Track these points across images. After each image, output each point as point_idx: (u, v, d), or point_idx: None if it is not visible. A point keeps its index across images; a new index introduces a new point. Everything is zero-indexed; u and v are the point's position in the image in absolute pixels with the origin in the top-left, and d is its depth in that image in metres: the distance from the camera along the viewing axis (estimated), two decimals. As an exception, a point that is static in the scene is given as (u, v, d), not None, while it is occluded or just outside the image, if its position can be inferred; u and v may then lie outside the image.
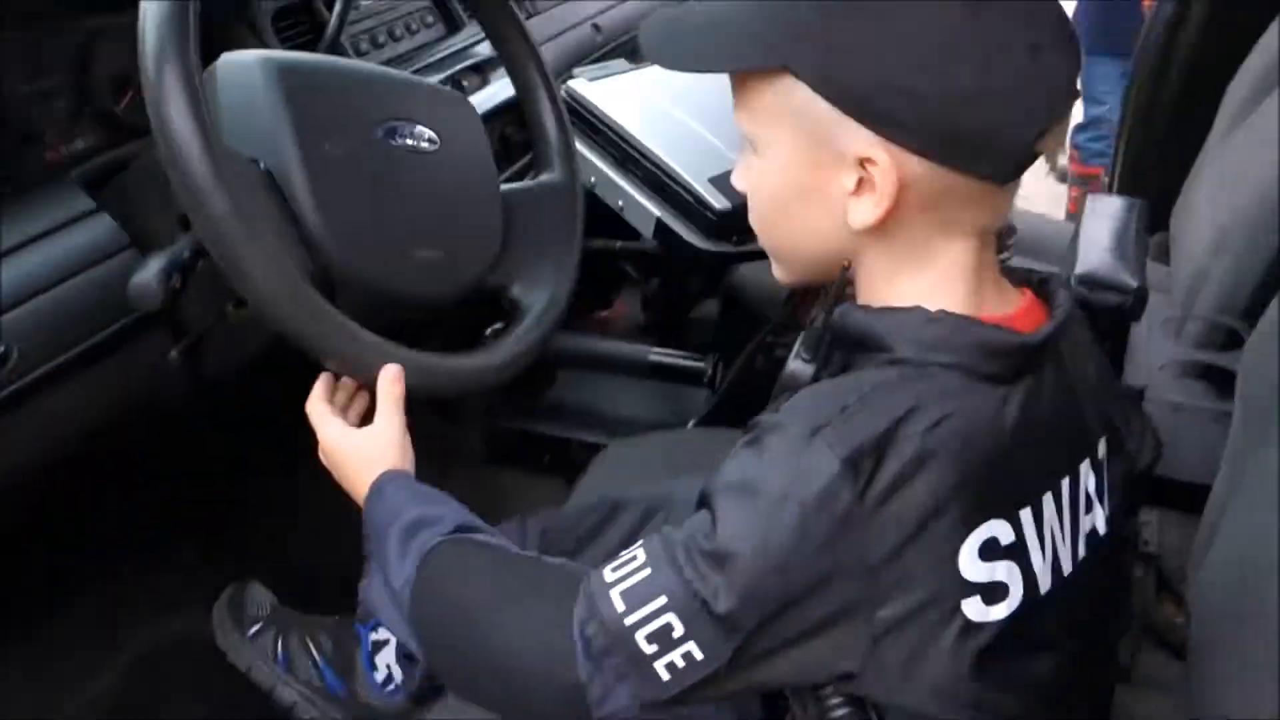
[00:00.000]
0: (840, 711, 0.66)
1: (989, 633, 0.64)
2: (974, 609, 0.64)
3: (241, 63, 0.87)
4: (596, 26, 1.78)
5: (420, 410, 0.87)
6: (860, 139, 0.64)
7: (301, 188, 0.83)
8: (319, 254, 0.84)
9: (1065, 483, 0.69)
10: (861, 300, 0.71)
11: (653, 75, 1.42)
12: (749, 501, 0.62)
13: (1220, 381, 1.28)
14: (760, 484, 0.62)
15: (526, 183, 1.05)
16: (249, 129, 0.84)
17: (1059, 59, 0.64)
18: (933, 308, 0.66)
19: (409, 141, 0.92)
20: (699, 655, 0.62)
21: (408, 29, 1.48)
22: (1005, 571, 0.65)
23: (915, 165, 0.64)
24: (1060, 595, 0.68)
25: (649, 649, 0.63)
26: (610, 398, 1.52)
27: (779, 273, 0.76)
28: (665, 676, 0.63)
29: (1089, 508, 0.71)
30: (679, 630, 0.62)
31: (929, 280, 0.68)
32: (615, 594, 0.64)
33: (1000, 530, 0.64)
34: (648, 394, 1.56)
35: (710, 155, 1.27)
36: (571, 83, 1.38)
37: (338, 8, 1.09)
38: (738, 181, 0.74)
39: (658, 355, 1.45)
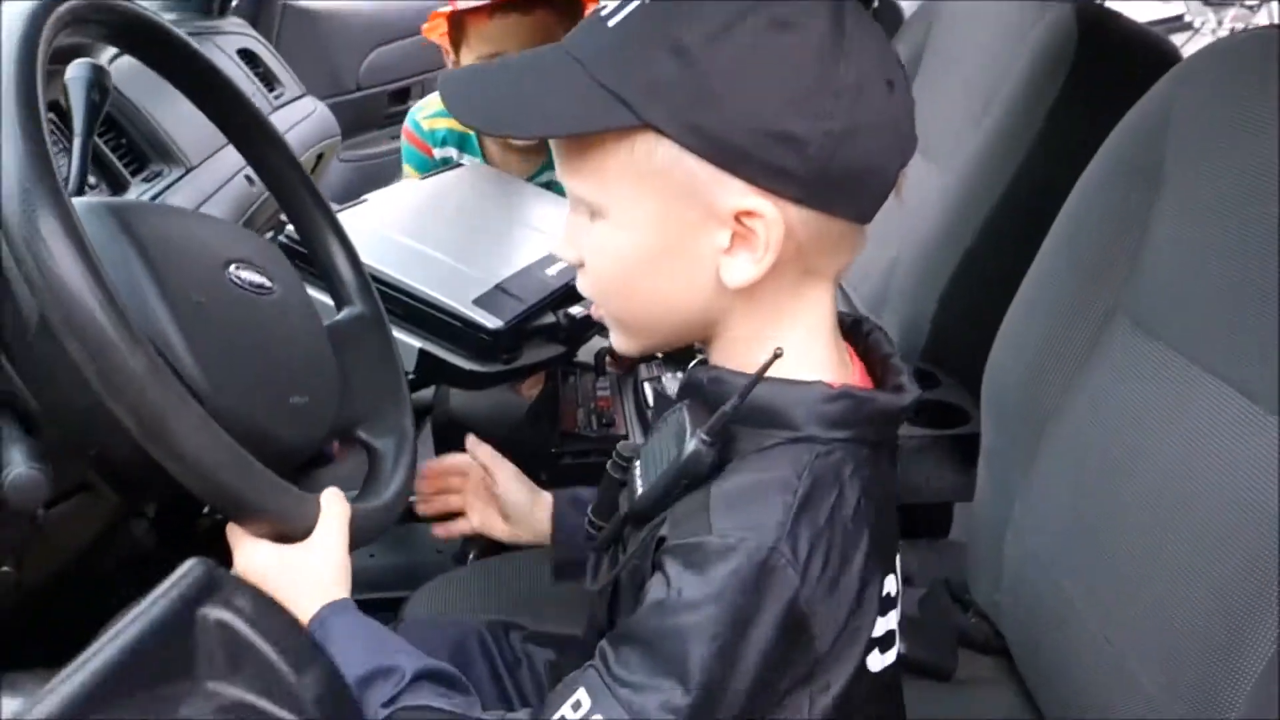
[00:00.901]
0: None
1: (879, 680, 0.69)
2: (873, 660, 0.68)
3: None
4: (250, 179, 1.70)
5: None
6: (734, 192, 0.62)
7: (178, 342, 0.74)
8: (207, 408, 0.74)
9: None
10: (719, 361, 0.70)
11: (364, 212, 1.39)
12: (718, 639, 0.60)
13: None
14: (726, 612, 0.60)
15: (338, 320, 1.00)
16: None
17: (906, 95, 0.65)
18: (806, 372, 0.65)
19: (253, 279, 0.85)
20: None
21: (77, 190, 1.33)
22: (894, 620, 0.70)
23: (793, 213, 0.62)
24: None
25: None
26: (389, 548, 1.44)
27: (624, 344, 0.73)
28: None
29: None
30: None
31: (797, 338, 0.67)
32: None
33: (889, 584, 0.69)
34: (398, 542, 1.50)
35: (463, 280, 1.28)
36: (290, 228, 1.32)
37: (77, 159, 0.96)
38: (566, 251, 0.71)
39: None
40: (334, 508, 0.78)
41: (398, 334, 1.25)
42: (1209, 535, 0.81)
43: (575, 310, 1.34)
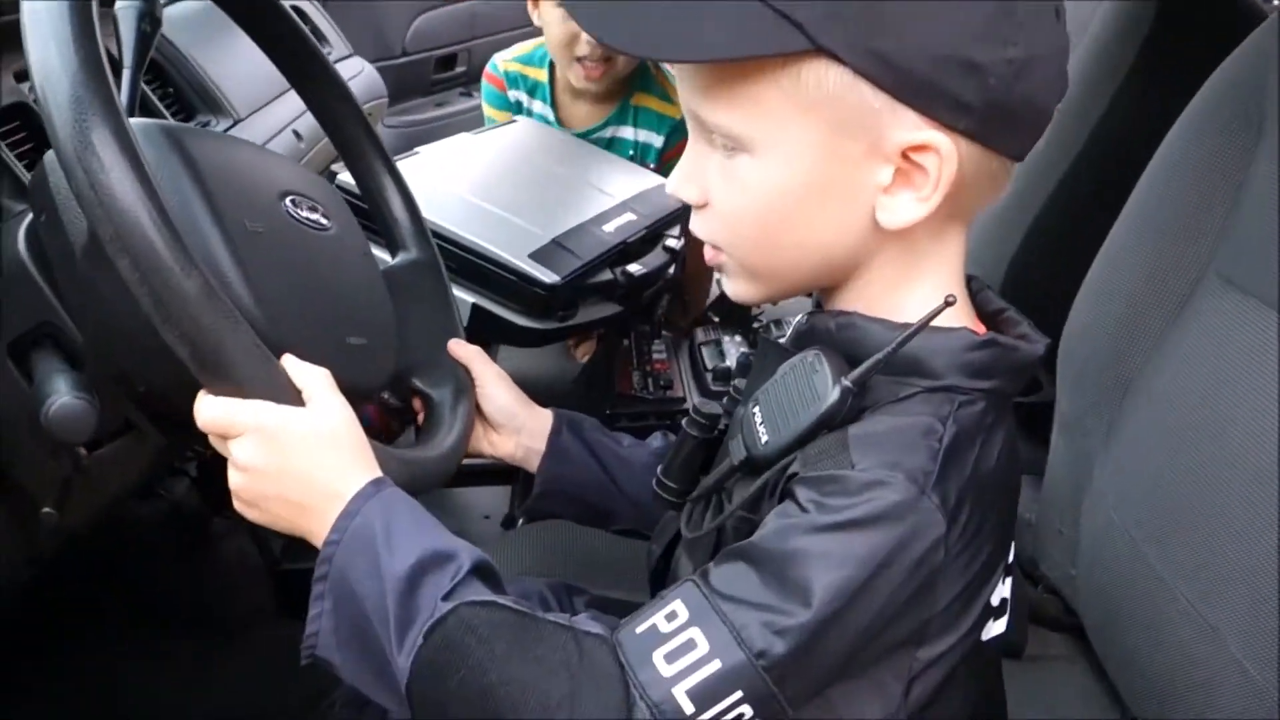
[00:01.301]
0: None
1: (984, 651, 0.66)
2: (986, 629, 0.65)
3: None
4: (298, 134, 1.67)
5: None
6: (906, 126, 0.57)
7: (232, 270, 0.70)
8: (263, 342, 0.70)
9: None
10: (847, 307, 0.65)
11: (417, 164, 1.35)
12: (847, 570, 0.56)
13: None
14: (860, 549, 0.56)
15: (393, 265, 0.96)
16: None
17: (1063, 26, 0.61)
18: (946, 319, 0.60)
19: (310, 217, 0.81)
20: None
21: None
22: (1007, 586, 0.67)
23: (963, 149, 0.58)
24: None
25: None
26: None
27: (745, 291, 0.67)
28: None
29: None
30: (748, 714, 0.57)
31: (937, 282, 0.64)
32: (681, 694, 0.56)
33: (1010, 547, 0.66)
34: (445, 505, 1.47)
35: (518, 233, 1.24)
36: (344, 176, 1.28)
37: (126, 90, 0.93)
38: (685, 189, 0.65)
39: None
40: (321, 373, 0.69)
41: (452, 289, 1.21)
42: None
43: (633, 268, 1.30)
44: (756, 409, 0.64)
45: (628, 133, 1.74)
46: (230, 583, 1.50)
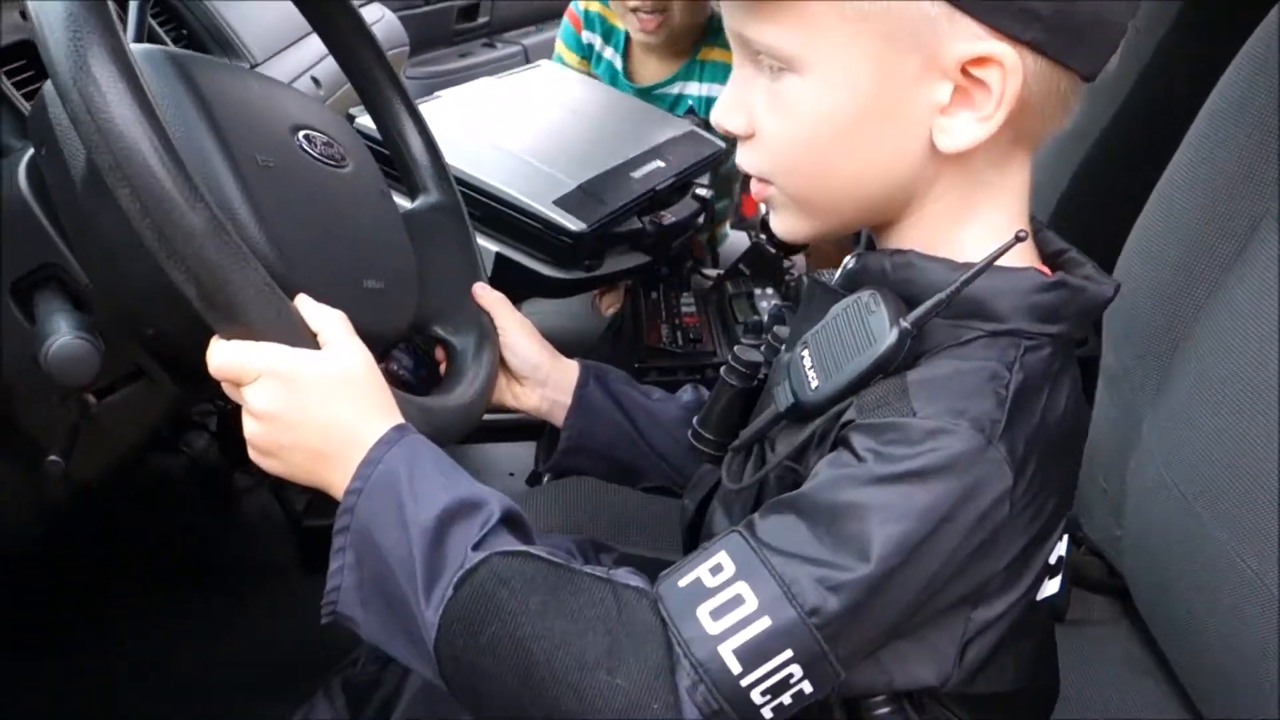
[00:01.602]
0: (883, 710, 0.61)
1: (1043, 611, 0.63)
2: (1041, 591, 0.62)
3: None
4: (316, 80, 1.63)
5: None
6: (966, 37, 0.53)
7: (241, 206, 0.66)
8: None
9: None
10: (901, 244, 0.61)
11: (439, 107, 1.31)
12: (908, 524, 0.53)
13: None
14: (923, 499, 0.53)
15: (414, 208, 0.92)
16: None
17: None
18: (1011, 258, 0.56)
19: (325, 154, 0.77)
20: (809, 690, 0.54)
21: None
22: (1063, 545, 0.64)
23: (1029, 63, 0.54)
24: None
25: (762, 700, 0.54)
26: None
27: (796, 227, 0.63)
28: (769, 716, 0.54)
29: None
30: (797, 674, 0.54)
31: (1000, 218, 0.59)
32: (728, 653, 0.53)
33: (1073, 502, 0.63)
34: (470, 463, 1.44)
35: (543, 179, 1.19)
36: (362, 119, 1.24)
37: (134, 10, 0.89)
38: (731, 118, 0.61)
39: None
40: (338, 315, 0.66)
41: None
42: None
43: (662, 216, 1.25)
44: (805, 352, 0.60)
45: (694, 88, 1.69)
46: (252, 539, 1.48)
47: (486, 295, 0.89)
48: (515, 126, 1.30)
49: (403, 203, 0.92)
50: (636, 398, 0.90)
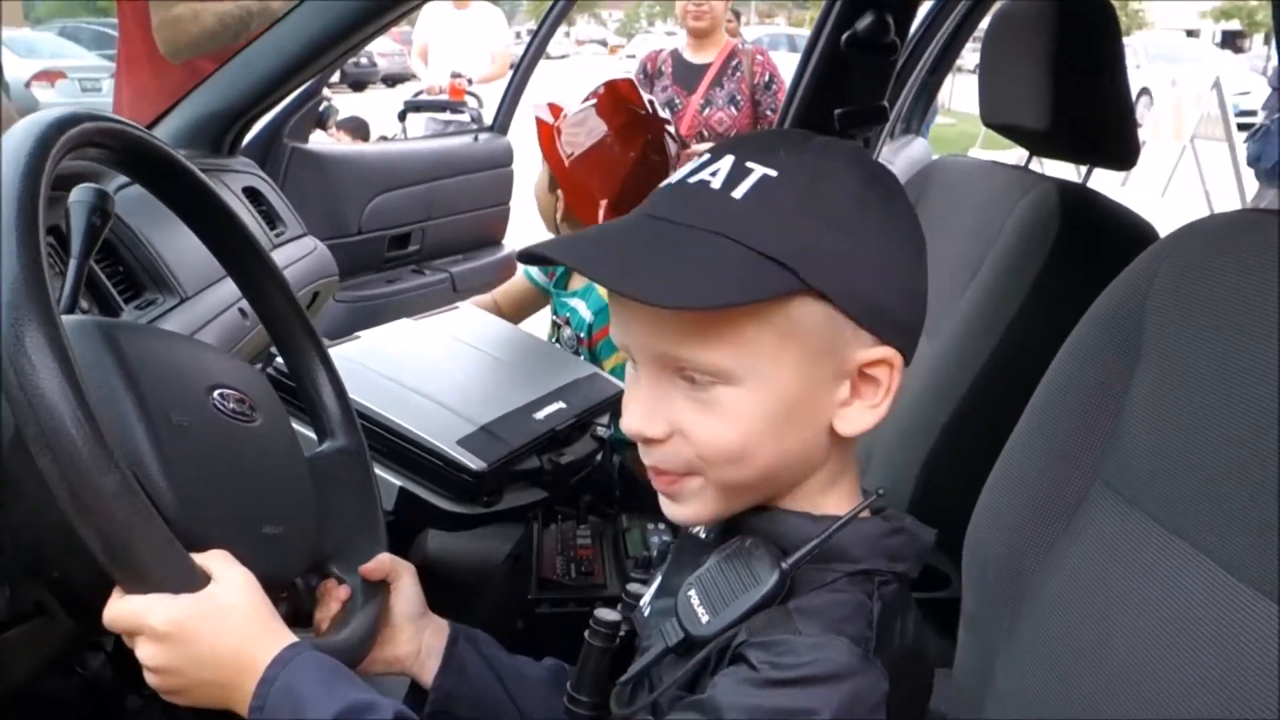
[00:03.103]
0: None
1: None
2: None
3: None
4: (244, 311, 1.72)
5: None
6: (866, 345, 0.68)
7: (153, 464, 0.73)
8: (177, 534, 0.73)
9: None
10: (791, 506, 0.72)
11: (356, 348, 1.40)
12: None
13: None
14: (815, 702, 0.62)
15: (318, 453, 0.99)
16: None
17: None
18: (848, 507, 0.70)
19: (236, 408, 0.84)
20: None
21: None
22: None
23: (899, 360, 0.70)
24: None
25: None
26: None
27: (708, 510, 0.72)
28: None
29: None
30: None
31: (848, 481, 0.74)
32: None
33: None
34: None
35: (448, 419, 1.28)
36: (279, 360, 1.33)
37: (71, 278, 0.97)
38: (650, 426, 0.68)
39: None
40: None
41: (379, 471, 1.24)
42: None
43: (561, 456, 1.34)
44: (692, 593, 0.69)
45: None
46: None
47: (378, 565, 0.92)
48: (427, 367, 1.39)
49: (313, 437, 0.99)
50: (505, 659, 0.93)
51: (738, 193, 0.65)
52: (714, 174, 0.66)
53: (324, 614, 0.89)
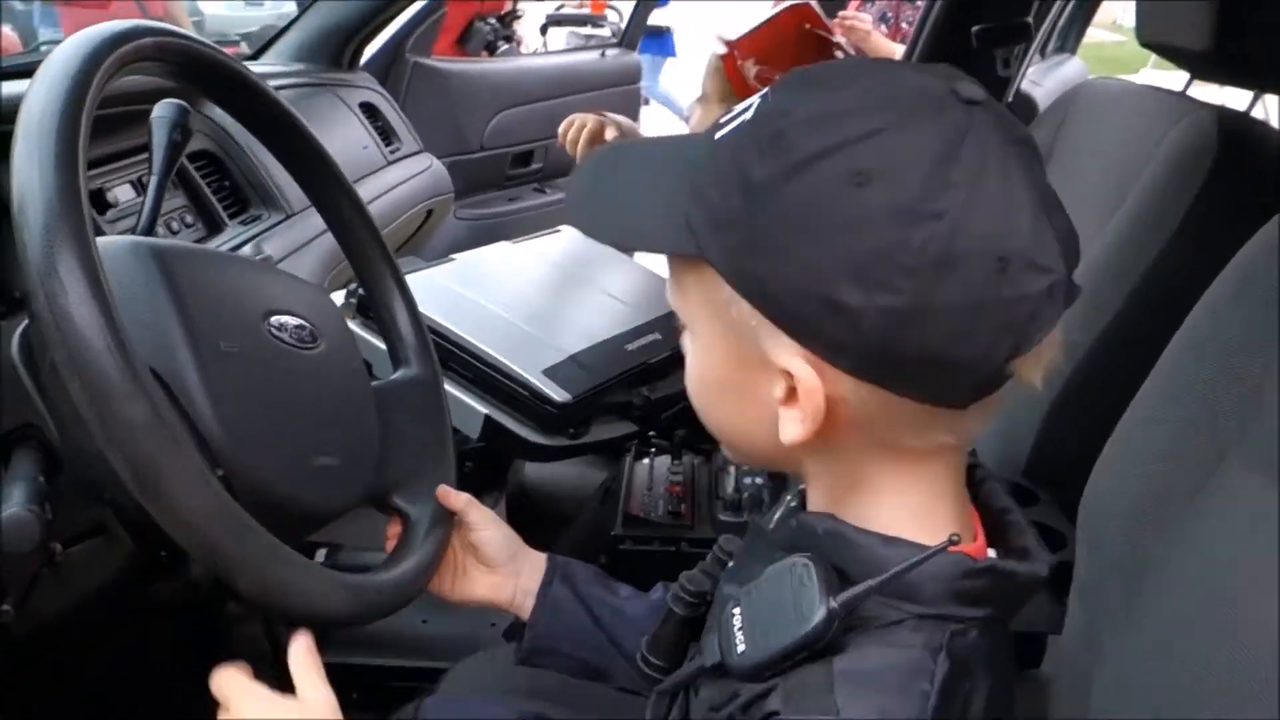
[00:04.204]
0: None
1: None
2: None
3: (105, 250, 0.74)
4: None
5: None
6: (784, 347, 0.56)
7: (198, 391, 0.71)
8: (220, 463, 0.71)
9: None
10: (817, 503, 0.63)
11: (449, 270, 1.38)
12: None
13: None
14: None
15: (390, 381, 0.96)
16: (129, 328, 0.71)
17: (1031, 274, 0.53)
18: (929, 537, 0.57)
19: (294, 337, 0.82)
20: None
21: (169, 229, 1.35)
22: None
23: (846, 385, 0.55)
24: None
25: None
26: (440, 614, 1.38)
27: (726, 452, 0.68)
28: None
29: None
30: None
31: (909, 503, 0.60)
32: None
33: None
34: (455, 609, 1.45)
35: (537, 347, 1.24)
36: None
37: (151, 194, 0.96)
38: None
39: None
40: (310, 659, 0.72)
41: (464, 398, 1.22)
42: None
43: (651, 390, 1.29)
44: (736, 611, 0.60)
45: None
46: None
47: (453, 498, 0.90)
48: (521, 293, 1.36)
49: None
50: (605, 598, 0.91)
51: (722, 132, 0.59)
52: (748, 106, 0.59)
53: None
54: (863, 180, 0.52)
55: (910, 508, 0.60)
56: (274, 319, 0.81)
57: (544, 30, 4.14)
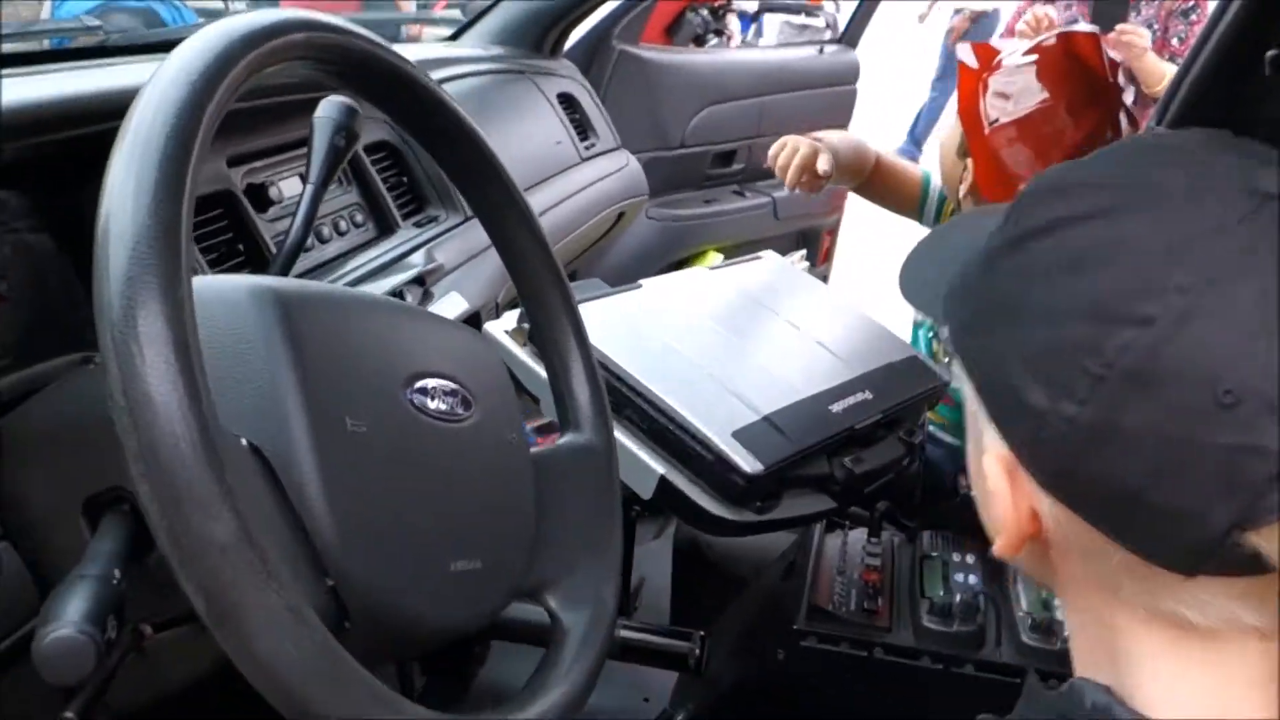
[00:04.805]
0: None
1: None
2: None
3: (219, 292, 0.61)
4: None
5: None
6: (992, 440, 0.52)
7: (311, 477, 0.57)
8: (331, 571, 0.57)
9: None
10: (1092, 669, 0.52)
11: (633, 300, 1.21)
12: None
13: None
14: None
15: (555, 447, 0.81)
16: (235, 391, 0.57)
17: (1268, 414, 0.42)
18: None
19: (441, 406, 0.67)
20: None
21: (336, 229, 1.24)
22: None
23: (1044, 500, 0.50)
24: None
25: None
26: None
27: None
28: None
29: None
30: None
31: (1197, 703, 0.48)
32: None
33: None
34: (605, 677, 1.30)
35: (727, 403, 1.07)
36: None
37: (304, 207, 0.84)
38: None
39: (628, 630, 1.18)
40: None
41: (638, 451, 1.06)
42: None
43: (856, 461, 1.10)
44: None
45: None
46: None
47: None
48: (712, 333, 1.18)
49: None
50: None
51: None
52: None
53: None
54: (1075, 265, 0.47)
55: (1198, 699, 0.48)
56: (419, 383, 0.66)
57: (755, 16, 3.98)
